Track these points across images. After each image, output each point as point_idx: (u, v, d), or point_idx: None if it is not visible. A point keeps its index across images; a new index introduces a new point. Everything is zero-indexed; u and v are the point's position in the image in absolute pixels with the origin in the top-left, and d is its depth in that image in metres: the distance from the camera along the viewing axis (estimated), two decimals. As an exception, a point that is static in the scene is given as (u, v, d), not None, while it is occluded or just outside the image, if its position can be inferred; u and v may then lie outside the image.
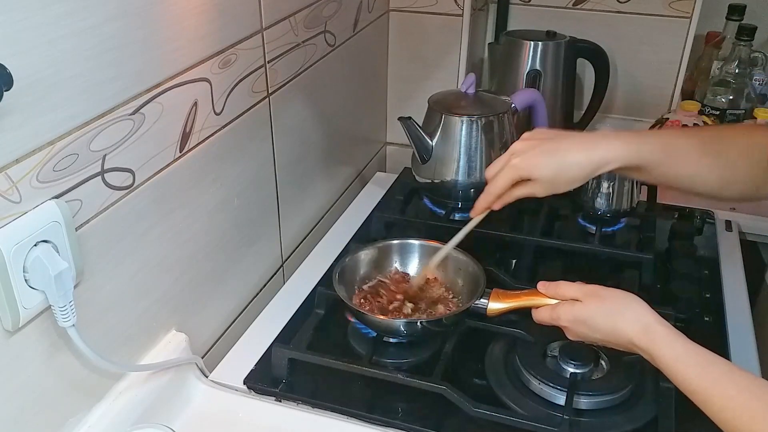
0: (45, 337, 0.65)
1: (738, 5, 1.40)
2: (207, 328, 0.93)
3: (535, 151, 0.78)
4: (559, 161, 0.77)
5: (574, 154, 0.77)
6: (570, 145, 0.78)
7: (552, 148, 0.78)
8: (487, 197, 0.82)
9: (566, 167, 0.77)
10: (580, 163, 0.77)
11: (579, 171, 0.77)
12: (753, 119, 1.31)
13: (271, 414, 0.83)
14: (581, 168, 0.77)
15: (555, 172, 0.77)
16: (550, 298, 0.76)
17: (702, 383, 0.63)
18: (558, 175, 0.77)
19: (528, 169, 0.78)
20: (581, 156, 0.77)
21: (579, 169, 0.77)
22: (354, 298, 0.93)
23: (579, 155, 0.77)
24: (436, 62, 1.43)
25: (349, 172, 1.37)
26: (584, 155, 0.77)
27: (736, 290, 1.05)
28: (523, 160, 0.78)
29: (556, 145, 0.78)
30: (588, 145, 0.77)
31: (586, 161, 0.76)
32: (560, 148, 0.78)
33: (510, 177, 0.79)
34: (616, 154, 0.76)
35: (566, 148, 0.78)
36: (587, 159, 0.76)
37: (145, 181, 0.75)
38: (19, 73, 0.55)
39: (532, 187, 0.79)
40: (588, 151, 0.77)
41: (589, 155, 0.76)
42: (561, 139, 0.79)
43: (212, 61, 0.83)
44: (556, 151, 0.78)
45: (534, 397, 0.83)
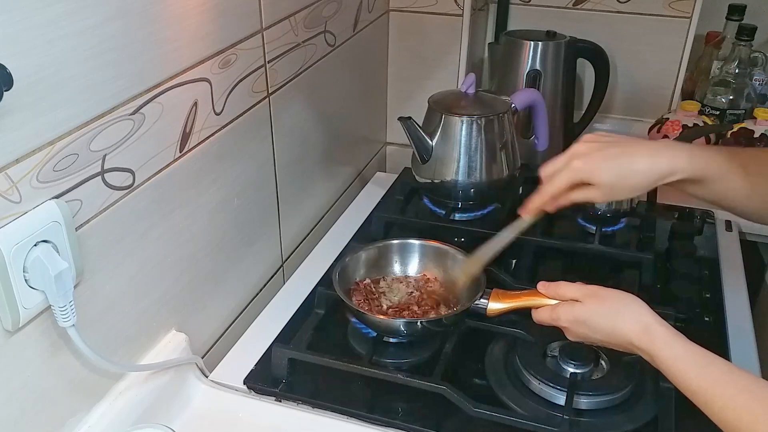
0: (45, 337, 0.65)
1: (738, 5, 1.40)
2: (207, 328, 0.93)
3: (598, 155, 0.75)
4: (623, 167, 0.74)
5: (638, 161, 0.74)
6: (635, 151, 0.74)
7: (616, 152, 0.75)
8: (543, 197, 0.78)
9: (629, 174, 0.74)
10: (644, 171, 0.74)
11: (642, 179, 0.74)
12: (753, 119, 1.31)
13: (271, 414, 0.83)
14: (645, 176, 0.74)
15: (617, 178, 0.74)
16: (550, 299, 0.76)
17: (702, 383, 0.63)
18: (619, 182, 0.74)
19: (589, 172, 0.74)
20: (646, 163, 0.74)
21: (642, 177, 0.74)
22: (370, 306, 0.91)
23: (644, 162, 0.74)
24: (436, 62, 1.43)
25: (349, 172, 1.37)
26: (649, 163, 0.74)
27: (736, 290, 1.05)
28: (585, 163, 0.75)
29: (620, 150, 0.75)
30: (653, 152, 0.74)
31: (651, 169, 0.74)
32: (624, 153, 0.74)
33: (569, 179, 0.76)
34: (682, 165, 0.73)
35: (631, 154, 0.74)
36: (652, 167, 0.73)
37: (145, 181, 0.75)
38: (19, 73, 0.55)
39: (590, 191, 0.75)
40: (653, 158, 0.74)
41: (655, 163, 0.73)
42: (625, 144, 0.76)
43: (212, 61, 0.83)
44: (620, 156, 0.74)
45: (534, 397, 0.83)
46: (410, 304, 0.91)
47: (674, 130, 1.31)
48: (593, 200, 0.76)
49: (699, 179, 0.74)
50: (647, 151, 0.75)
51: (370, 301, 0.92)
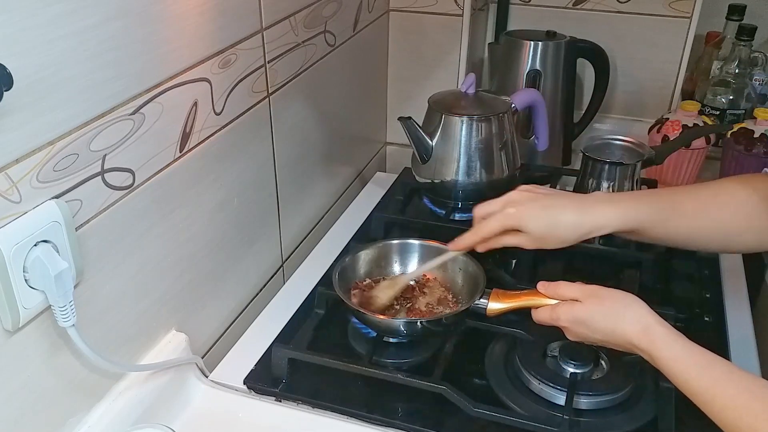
0: (45, 337, 0.65)
1: (738, 5, 1.40)
2: (207, 328, 0.93)
3: (531, 204, 0.79)
4: (553, 219, 0.78)
5: (568, 215, 0.78)
6: (566, 205, 0.79)
7: (548, 204, 0.79)
8: (474, 237, 0.82)
9: (558, 226, 0.78)
10: (571, 225, 0.78)
11: (570, 232, 0.78)
12: (753, 119, 1.31)
13: (271, 414, 0.83)
14: (573, 229, 0.78)
15: (546, 229, 0.78)
16: (550, 299, 0.76)
17: (702, 384, 0.63)
18: (549, 233, 0.78)
19: (521, 220, 0.79)
20: (574, 218, 0.78)
21: (571, 230, 0.78)
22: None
23: (572, 217, 0.78)
24: (436, 62, 1.43)
25: (349, 172, 1.37)
26: (578, 218, 0.78)
27: (736, 290, 1.05)
28: (518, 210, 0.79)
29: (552, 202, 0.80)
30: (583, 208, 0.78)
31: (579, 224, 0.78)
32: (556, 206, 0.79)
33: (502, 224, 0.80)
34: (608, 220, 0.77)
35: (562, 207, 0.79)
36: (580, 222, 0.78)
37: (145, 181, 0.75)
38: (19, 73, 0.55)
39: (520, 238, 0.80)
40: (582, 214, 0.78)
41: (583, 219, 0.78)
42: (558, 197, 0.81)
43: (212, 61, 0.83)
44: (550, 208, 0.79)
45: (534, 397, 0.83)
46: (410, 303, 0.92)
47: (674, 130, 1.31)
48: (522, 246, 0.80)
49: (630, 230, 0.79)
50: (577, 206, 0.79)
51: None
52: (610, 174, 1.11)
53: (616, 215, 0.78)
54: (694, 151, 1.31)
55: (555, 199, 0.81)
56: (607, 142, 1.17)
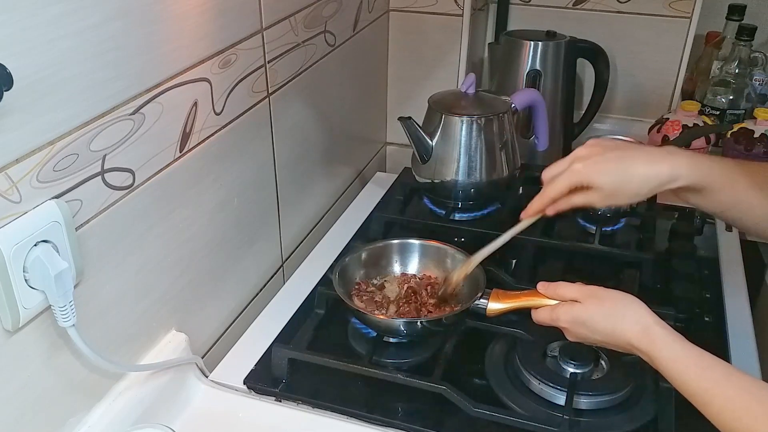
0: (45, 337, 0.65)
1: (738, 5, 1.40)
2: (207, 328, 0.93)
3: (599, 158, 0.75)
4: (624, 171, 0.74)
5: (639, 166, 0.73)
6: (636, 157, 0.74)
7: (617, 156, 0.75)
8: (543, 200, 0.78)
9: (630, 178, 0.74)
10: (645, 176, 0.73)
11: (643, 184, 0.74)
12: (753, 119, 1.31)
13: (271, 414, 0.83)
14: (646, 181, 0.73)
15: (618, 183, 0.74)
16: (550, 299, 0.76)
17: (701, 385, 0.63)
18: (620, 186, 0.74)
19: (590, 175, 0.74)
20: (647, 169, 0.73)
21: (643, 182, 0.73)
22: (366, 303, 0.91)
23: (645, 168, 0.73)
24: (436, 62, 1.43)
25: (349, 172, 1.37)
26: (650, 168, 0.73)
27: (736, 290, 1.05)
28: (586, 165, 0.75)
29: (621, 154, 0.75)
30: (655, 158, 0.74)
31: (651, 175, 0.73)
32: (626, 157, 0.74)
33: (570, 182, 0.75)
34: (683, 171, 0.72)
35: (632, 159, 0.74)
36: (654, 172, 0.73)
37: (145, 181, 0.75)
38: (19, 73, 0.55)
39: (591, 195, 0.75)
40: (655, 164, 0.73)
41: (656, 169, 0.73)
42: (627, 149, 0.76)
43: (212, 61, 0.83)
44: (621, 160, 0.74)
45: (534, 397, 0.83)
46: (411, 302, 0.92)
47: (674, 130, 1.31)
48: (593, 204, 0.76)
49: (701, 187, 0.73)
50: (648, 156, 0.74)
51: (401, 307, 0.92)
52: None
53: (690, 166, 0.72)
54: (694, 151, 1.31)
55: (624, 150, 0.75)
56: (607, 142, 1.16)
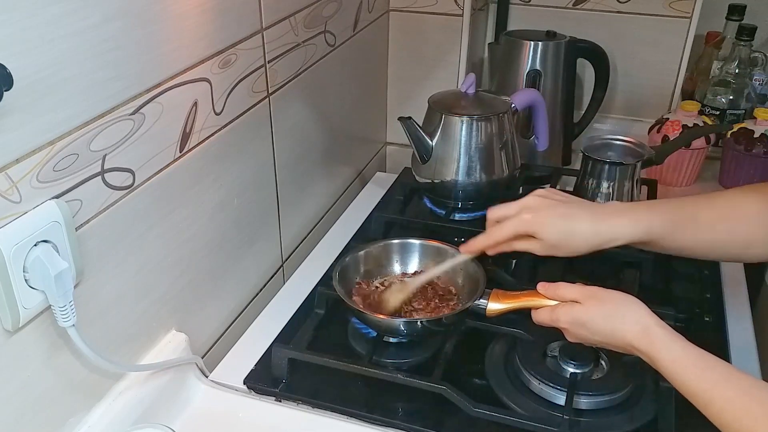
0: (45, 337, 0.65)
1: (738, 5, 1.40)
2: (207, 328, 0.93)
3: (547, 212, 0.79)
4: (568, 228, 0.78)
5: (583, 225, 0.77)
6: (582, 215, 0.78)
7: (564, 213, 0.79)
8: (487, 241, 0.82)
9: (573, 235, 0.78)
10: (585, 235, 0.77)
11: (584, 242, 0.78)
12: (753, 119, 1.31)
13: (271, 414, 0.83)
14: (586, 240, 0.77)
15: (561, 238, 0.78)
16: (550, 300, 0.76)
17: (701, 386, 0.63)
18: (562, 241, 0.78)
19: (536, 227, 0.78)
20: (590, 228, 0.77)
21: (584, 241, 0.78)
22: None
23: (588, 227, 0.77)
24: (436, 62, 1.43)
25: (349, 172, 1.37)
26: (593, 228, 0.77)
27: (736, 290, 1.05)
28: (534, 217, 0.79)
29: (568, 211, 0.79)
30: (597, 218, 0.78)
31: (593, 235, 0.77)
32: (572, 215, 0.78)
33: (517, 230, 0.79)
34: (623, 232, 0.77)
35: (578, 217, 0.78)
36: (594, 233, 0.77)
37: (145, 181, 0.75)
38: (19, 73, 0.55)
39: (533, 244, 0.79)
40: (598, 224, 0.77)
41: (597, 230, 0.77)
42: (575, 206, 0.80)
43: (212, 61, 0.83)
44: (568, 217, 0.78)
45: (534, 397, 0.83)
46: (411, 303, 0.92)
47: (674, 130, 1.31)
48: (533, 252, 0.80)
49: (645, 242, 0.78)
50: (591, 216, 0.78)
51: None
52: (610, 174, 1.11)
53: (630, 227, 0.77)
54: (694, 151, 1.31)
55: (571, 207, 0.80)
56: (607, 142, 1.17)
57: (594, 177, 1.12)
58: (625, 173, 1.11)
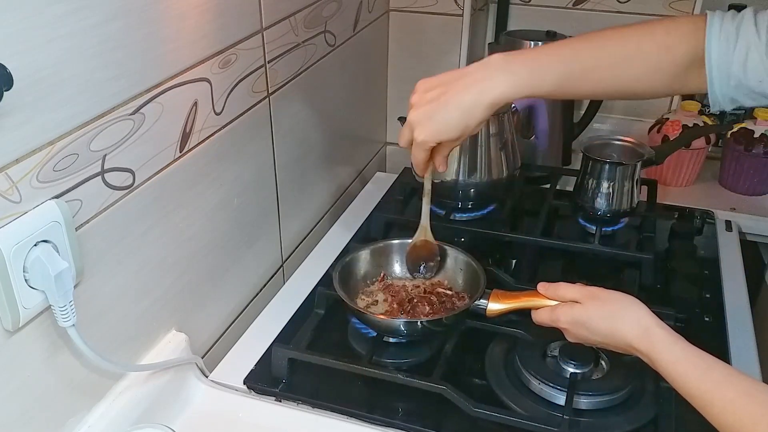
0: (45, 337, 0.65)
1: (738, 5, 1.40)
2: (207, 328, 0.93)
3: (429, 119, 0.77)
4: (456, 117, 0.76)
5: (464, 101, 0.75)
6: (456, 92, 0.76)
7: (441, 103, 0.76)
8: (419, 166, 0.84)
9: (465, 118, 0.76)
10: (473, 111, 0.75)
11: (478, 116, 0.76)
12: (753, 119, 1.31)
13: (271, 414, 0.83)
14: (478, 114, 0.75)
15: (460, 129, 0.76)
16: (550, 300, 0.76)
17: (701, 387, 0.63)
18: (464, 129, 0.77)
19: (434, 138, 0.78)
20: (472, 101, 0.75)
21: (477, 115, 0.75)
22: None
23: (469, 100, 0.75)
24: (436, 62, 1.43)
25: (349, 172, 1.37)
26: (474, 99, 0.75)
27: (736, 290, 1.05)
28: (422, 132, 0.77)
29: (445, 99, 0.76)
30: (474, 86, 0.75)
31: (479, 108, 0.75)
32: (449, 102, 0.76)
33: (423, 153, 0.80)
34: (503, 90, 0.75)
35: (455, 97, 0.76)
36: (479, 104, 0.75)
37: (145, 181, 0.75)
38: (19, 73, 0.55)
39: (448, 143, 0.79)
40: (477, 94, 0.75)
41: (480, 99, 0.75)
42: (446, 87, 0.76)
43: (212, 61, 0.83)
44: (446, 106, 0.76)
45: (534, 397, 0.83)
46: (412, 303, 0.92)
47: (674, 130, 1.31)
48: (453, 143, 0.79)
49: (530, 95, 0.77)
50: (468, 85, 0.75)
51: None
52: (610, 174, 1.11)
53: (510, 86, 0.75)
54: (694, 151, 1.31)
55: (444, 91, 0.76)
56: (607, 142, 1.17)
57: (594, 177, 1.12)
58: (625, 173, 1.11)
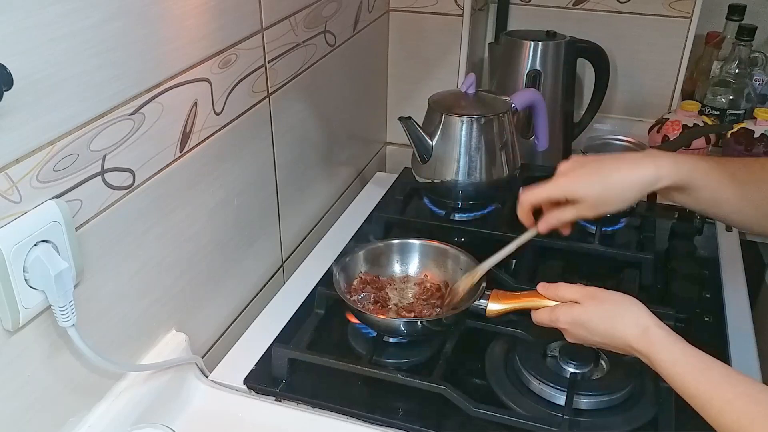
0: (45, 337, 0.65)
1: (738, 5, 1.40)
2: (207, 328, 0.93)
3: (581, 170, 0.77)
4: (606, 179, 0.76)
5: (621, 170, 0.75)
6: (616, 164, 0.76)
7: (597, 167, 0.77)
8: (522, 207, 0.81)
9: (613, 184, 0.75)
10: (627, 180, 0.75)
11: (627, 187, 0.75)
12: (753, 119, 1.31)
13: (271, 414, 0.83)
14: (629, 184, 0.75)
15: (602, 191, 0.76)
16: (550, 300, 0.76)
17: (700, 387, 0.63)
18: (605, 193, 0.76)
19: (572, 187, 0.77)
20: (630, 173, 0.75)
21: (627, 186, 0.75)
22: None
23: (627, 172, 0.75)
24: (436, 62, 1.43)
25: (349, 172, 1.37)
26: (633, 172, 0.75)
27: (736, 290, 1.05)
28: (567, 178, 0.77)
29: (602, 164, 0.77)
30: (636, 161, 0.76)
31: (636, 178, 0.75)
32: (606, 165, 0.76)
33: (549, 193, 0.78)
34: (666, 171, 0.74)
35: (612, 166, 0.76)
36: (637, 175, 0.75)
37: (145, 181, 0.75)
38: (19, 73, 0.55)
39: (578, 208, 0.77)
40: (636, 166, 0.75)
41: (638, 170, 0.75)
42: (609, 158, 0.78)
43: (212, 61, 0.83)
44: (602, 168, 0.76)
45: (534, 397, 0.83)
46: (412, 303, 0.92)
47: (674, 130, 1.31)
48: (583, 215, 0.78)
49: (685, 186, 0.75)
50: (630, 160, 0.76)
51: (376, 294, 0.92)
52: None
53: (673, 166, 0.74)
54: (694, 151, 1.31)
55: (605, 161, 0.77)
56: (607, 142, 1.17)
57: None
58: (625, 173, 1.11)
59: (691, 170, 0.74)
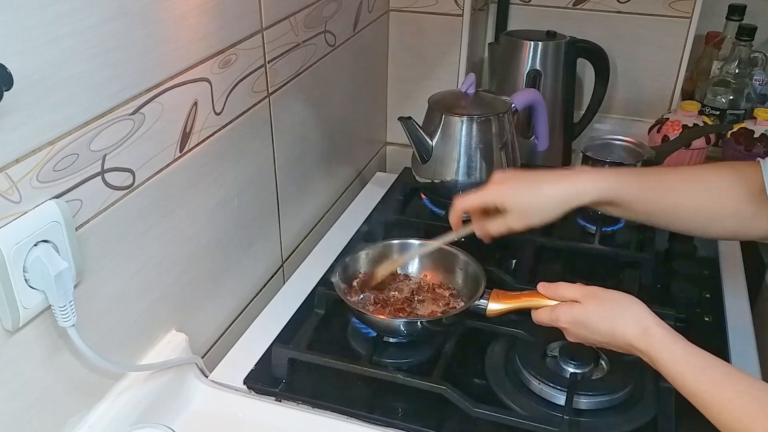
0: (45, 337, 0.65)
1: (738, 5, 1.40)
2: (207, 328, 0.93)
3: (511, 182, 0.81)
4: (532, 193, 0.80)
5: (547, 186, 0.80)
6: (543, 178, 0.81)
7: (527, 179, 0.81)
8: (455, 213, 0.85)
9: (538, 198, 0.80)
10: (553, 195, 0.79)
11: (552, 202, 0.79)
12: (753, 119, 1.31)
13: (271, 414, 0.83)
14: (554, 199, 0.79)
15: (527, 202, 0.80)
16: (550, 299, 0.76)
17: (701, 386, 0.63)
18: (531, 207, 0.80)
19: (502, 197, 0.80)
20: (554, 187, 0.79)
21: (552, 200, 0.79)
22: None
23: (552, 187, 0.80)
24: (436, 62, 1.43)
25: (349, 172, 1.37)
26: (557, 187, 0.79)
27: (736, 290, 1.05)
28: (498, 187, 0.81)
29: (531, 177, 0.82)
30: (561, 177, 0.80)
31: (560, 193, 0.79)
32: (533, 180, 0.81)
33: (482, 200, 0.82)
34: (590, 186, 0.78)
35: (539, 180, 0.81)
36: (560, 191, 0.79)
37: (145, 181, 0.75)
38: (19, 73, 0.55)
39: (507, 218, 0.81)
40: (561, 183, 0.79)
41: (563, 187, 0.79)
42: (539, 173, 0.82)
43: (212, 61, 0.83)
44: (531, 183, 0.81)
45: (534, 397, 0.83)
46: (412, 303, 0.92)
47: (674, 130, 1.31)
48: (511, 226, 0.81)
49: (613, 201, 0.79)
50: (555, 177, 0.81)
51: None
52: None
53: (597, 183, 0.78)
54: (694, 151, 1.31)
55: (534, 174, 0.82)
56: (607, 142, 1.17)
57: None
58: (625, 173, 1.11)
59: (614, 187, 0.78)
